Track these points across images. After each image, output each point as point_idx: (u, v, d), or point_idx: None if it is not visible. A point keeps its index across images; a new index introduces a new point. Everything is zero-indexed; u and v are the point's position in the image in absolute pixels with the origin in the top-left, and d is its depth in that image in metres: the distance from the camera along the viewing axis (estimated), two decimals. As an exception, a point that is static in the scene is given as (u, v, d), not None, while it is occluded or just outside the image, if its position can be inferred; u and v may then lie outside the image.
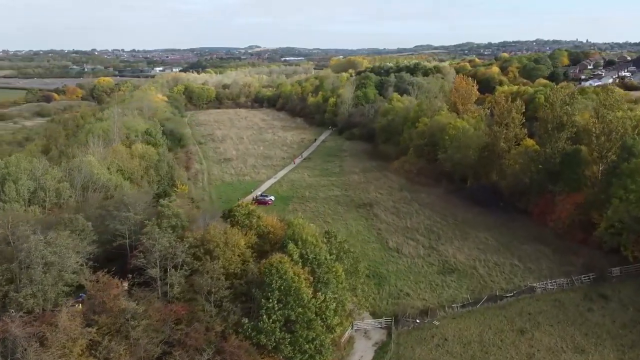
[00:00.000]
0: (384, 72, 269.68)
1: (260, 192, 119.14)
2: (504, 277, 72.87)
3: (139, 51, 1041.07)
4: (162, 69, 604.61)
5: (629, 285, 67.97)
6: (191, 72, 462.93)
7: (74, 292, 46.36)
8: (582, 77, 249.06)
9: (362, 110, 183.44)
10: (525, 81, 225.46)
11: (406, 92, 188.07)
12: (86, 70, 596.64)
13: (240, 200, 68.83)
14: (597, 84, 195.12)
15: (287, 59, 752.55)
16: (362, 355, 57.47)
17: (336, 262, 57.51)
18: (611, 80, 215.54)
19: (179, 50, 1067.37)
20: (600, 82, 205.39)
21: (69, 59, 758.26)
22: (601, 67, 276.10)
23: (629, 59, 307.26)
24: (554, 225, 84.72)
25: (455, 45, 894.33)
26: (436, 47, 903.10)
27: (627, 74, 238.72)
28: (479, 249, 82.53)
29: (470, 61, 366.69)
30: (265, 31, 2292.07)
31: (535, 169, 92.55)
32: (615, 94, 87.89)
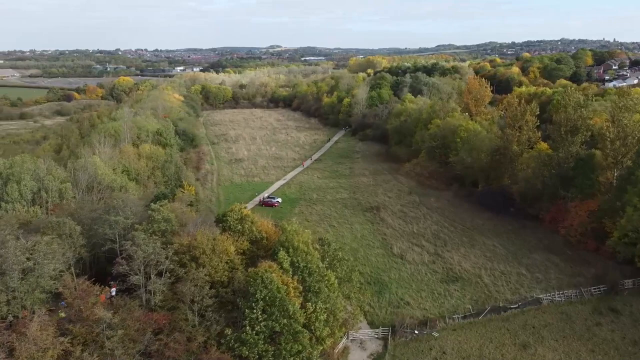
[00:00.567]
0: (401, 72, 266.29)
1: (267, 194, 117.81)
2: (510, 287, 69.88)
3: (161, 51, 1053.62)
4: (182, 68, 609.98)
5: (642, 299, 64.62)
6: (211, 71, 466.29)
7: (53, 299, 45.28)
8: (606, 77, 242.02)
9: (376, 110, 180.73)
10: (546, 82, 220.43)
11: (421, 92, 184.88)
12: (109, 69, 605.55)
13: (238, 203, 67.00)
14: (621, 84, 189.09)
15: (307, 58, 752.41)
16: (356, 366, 55.51)
17: (329, 270, 55.56)
18: (636, 81, 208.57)
19: (201, 50, 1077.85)
20: (624, 83, 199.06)
21: (93, 59, 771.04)
22: (627, 68, 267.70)
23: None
24: (565, 233, 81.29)
25: (477, 45, 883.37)
26: (458, 47, 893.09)
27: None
28: (486, 256, 79.57)
29: (491, 61, 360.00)
30: (286, 31, 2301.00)
31: (547, 174, 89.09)
32: (632, 96, 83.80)
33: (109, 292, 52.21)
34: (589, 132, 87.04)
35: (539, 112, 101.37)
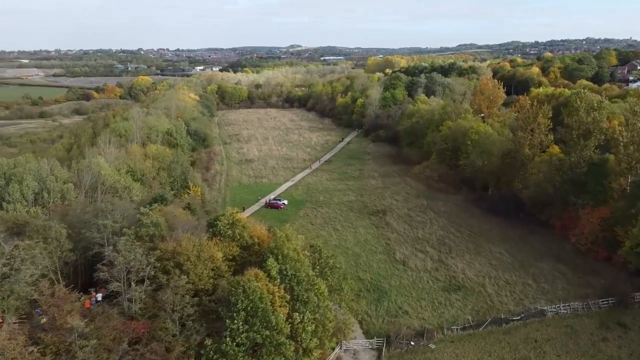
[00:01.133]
0: (417, 72, 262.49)
1: (273, 196, 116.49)
2: (514, 297, 67.08)
3: (183, 50, 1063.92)
4: (202, 68, 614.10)
5: (653, 313, 61.30)
6: (230, 71, 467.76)
7: (29, 306, 44.35)
8: (630, 78, 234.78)
9: (389, 111, 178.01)
10: (566, 83, 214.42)
11: (436, 93, 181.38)
12: (130, 69, 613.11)
13: (230, 208, 65.02)
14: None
15: (327, 58, 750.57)
16: (347, 378, 53.65)
17: (320, 278, 53.71)
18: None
19: (222, 49, 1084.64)
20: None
21: (115, 58, 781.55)
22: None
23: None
24: (575, 240, 77.94)
25: (500, 44, 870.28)
26: (480, 46, 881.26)
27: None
28: (491, 264, 76.76)
29: (511, 61, 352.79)
30: (306, 30, 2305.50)
31: (559, 179, 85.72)
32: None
33: (95, 297, 51.33)
34: (603, 135, 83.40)
35: (555, 115, 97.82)
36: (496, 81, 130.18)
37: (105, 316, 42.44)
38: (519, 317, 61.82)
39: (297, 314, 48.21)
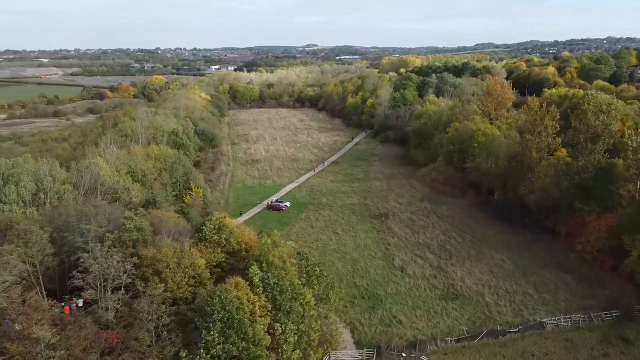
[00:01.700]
0: (430, 72, 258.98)
1: (276, 198, 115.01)
2: (513, 308, 64.49)
3: (200, 50, 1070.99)
4: (218, 67, 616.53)
5: (660, 328, 58.30)
6: (244, 71, 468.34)
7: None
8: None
9: (398, 112, 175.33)
10: (582, 83, 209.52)
11: (447, 94, 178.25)
12: (146, 68, 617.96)
13: (217, 213, 63.07)
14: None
15: (342, 57, 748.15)
16: (333, 391, 51.84)
17: (306, 287, 51.98)
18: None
19: (238, 49, 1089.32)
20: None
21: (133, 58, 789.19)
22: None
23: None
24: (581, 249, 74.94)
25: (518, 43, 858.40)
26: (498, 46, 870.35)
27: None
28: (492, 272, 74.17)
29: (527, 61, 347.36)
30: (323, 30, 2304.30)
31: (566, 184, 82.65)
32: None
33: (76, 303, 50.31)
34: (612, 139, 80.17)
35: (567, 117, 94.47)
36: (505, 82, 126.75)
37: (77, 325, 41.24)
38: (517, 330, 59.31)
39: (279, 325, 46.56)
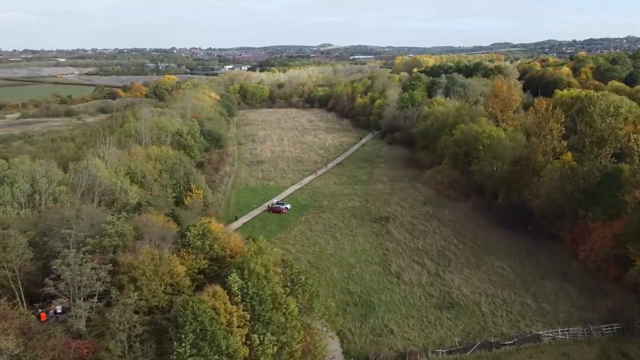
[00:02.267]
0: (442, 72, 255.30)
1: (276, 200, 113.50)
2: (509, 318, 62.06)
3: (214, 49, 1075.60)
4: (231, 67, 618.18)
5: (663, 343, 55.44)
6: (256, 70, 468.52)
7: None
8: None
9: (406, 113, 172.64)
10: (597, 84, 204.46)
11: (456, 94, 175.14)
12: (160, 68, 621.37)
13: (200, 218, 60.86)
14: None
15: (356, 57, 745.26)
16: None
17: (289, 296, 50.25)
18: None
19: (253, 48, 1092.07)
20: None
21: (148, 57, 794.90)
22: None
23: None
24: (585, 257, 72.09)
25: (535, 43, 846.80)
26: (515, 45, 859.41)
27: None
28: (491, 280, 71.72)
29: (542, 60, 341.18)
30: (337, 29, 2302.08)
31: (570, 189, 79.68)
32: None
33: (54, 310, 49.24)
34: (619, 143, 77.07)
35: (575, 119, 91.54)
36: (512, 83, 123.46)
37: (46, 335, 40.07)
38: (512, 342, 56.94)
39: (256, 336, 44.94)
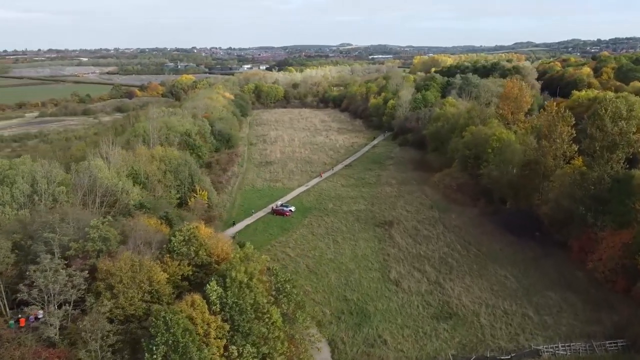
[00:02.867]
0: (459, 72, 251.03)
1: (281, 202, 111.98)
2: (509, 331, 59.40)
3: (234, 49, 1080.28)
4: (250, 66, 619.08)
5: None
6: (274, 70, 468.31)
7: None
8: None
9: (418, 114, 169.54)
10: (618, 84, 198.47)
11: (464, 95, 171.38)
12: (179, 67, 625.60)
13: (188, 223, 59.03)
14: None
15: (375, 56, 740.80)
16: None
17: (274, 306, 48.56)
18: None
19: (272, 48, 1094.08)
20: None
21: (168, 57, 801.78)
22: None
23: None
24: (592, 267, 68.84)
25: (558, 42, 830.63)
26: (537, 45, 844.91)
27: None
28: (492, 290, 69.00)
29: (564, 60, 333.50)
30: (357, 29, 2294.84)
31: (580, 195, 76.38)
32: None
33: (35, 315, 48.35)
34: (631, 148, 73.59)
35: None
36: (523, 84, 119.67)
37: (15, 343, 39.08)
38: (509, 357, 54.33)
39: (235, 347, 43.37)
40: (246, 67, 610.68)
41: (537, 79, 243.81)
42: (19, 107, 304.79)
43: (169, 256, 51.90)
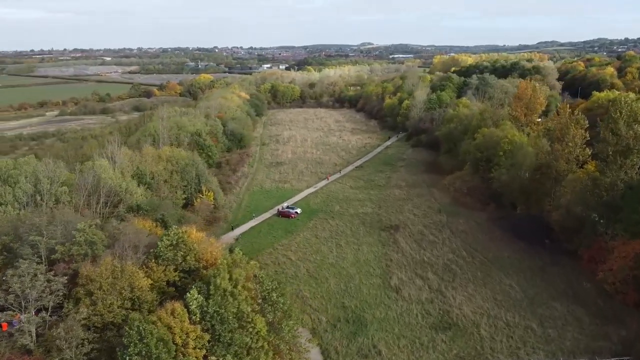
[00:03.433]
0: (478, 72, 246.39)
1: (287, 204, 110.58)
2: (510, 344, 56.73)
3: (255, 49, 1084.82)
4: (269, 66, 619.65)
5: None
6: (292, 69, 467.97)
7: None
8: None
9: (433, 115, 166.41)
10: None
11: (485, 96, 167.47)
12: (200, 67, 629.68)
13: (176, 227, 57.73)
14: None
15: (395, 56, 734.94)
16: None
17: (258, 314, 46.97)
18: None
19: (293, 47, 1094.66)
20: None
21: (189, 56, 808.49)
22: None
23: None
24: (603, 277, 65.58)
25: (584, 41, 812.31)
26: (562, 44, 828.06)
27: None
28: (496, 299, 66.29)
29: (588, 60, 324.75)
30: (379, 28, 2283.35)
31: (592, 202, 73.11)
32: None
33: (19, 319, 47.69)
34: (648, 153, 69.99)
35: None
36: (537, 85, 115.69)
37: (-11, 349, 38.35)
38: (507, 372, 51.86)
39: (214, 358, 41.92)
40: (265, 66, 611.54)
41: (559, 79, 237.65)
42: (40, 106, 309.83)
43: (154, 261, 50.72)
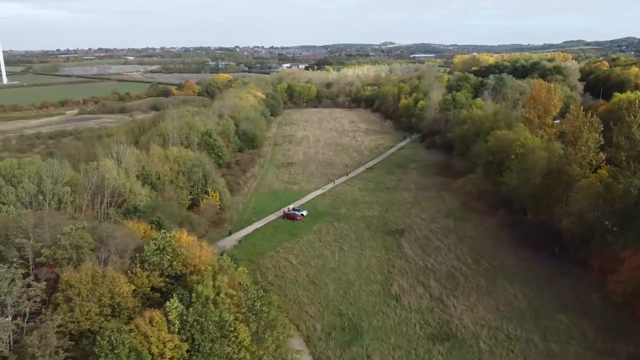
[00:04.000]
0: (498, 71, 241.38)
1: (293, 206, 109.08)
2: (509, 358, 54.21)
3: (276, 48, 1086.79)
4: (289, 65, 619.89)
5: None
6: (312, 69, 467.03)
7: None
8: None
9: (447, 116, 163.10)
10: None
11: (500, 96, 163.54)
12: (220, 66, 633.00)
13: (165, 231, 56.39)
14: None
15: (416, 55, 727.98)
16: None
17: (242, 323, 45.54)
18: None
19: (314, 47, 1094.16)
20: None
21: (210, 55, 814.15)
22: None
23: None
24: (612, 289, 62.52)
25: (611, 40, 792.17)
26: (589, 43, 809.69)
27: None
28: (498, 310, 63.68)
29: (613, 60, 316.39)
30: (401, 27, 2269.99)
31: (605, 209, 69.81)
32: None
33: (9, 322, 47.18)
34: (662, 158, 66.53)
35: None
36: (551, 86, 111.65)
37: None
38: (504, 388, 49.44)
39: (192, 369, 40.67)
40: (285, 65, 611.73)
41: (581, 80, 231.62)
42: (61, 104, 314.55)
43: (139, 266, 49.71)
